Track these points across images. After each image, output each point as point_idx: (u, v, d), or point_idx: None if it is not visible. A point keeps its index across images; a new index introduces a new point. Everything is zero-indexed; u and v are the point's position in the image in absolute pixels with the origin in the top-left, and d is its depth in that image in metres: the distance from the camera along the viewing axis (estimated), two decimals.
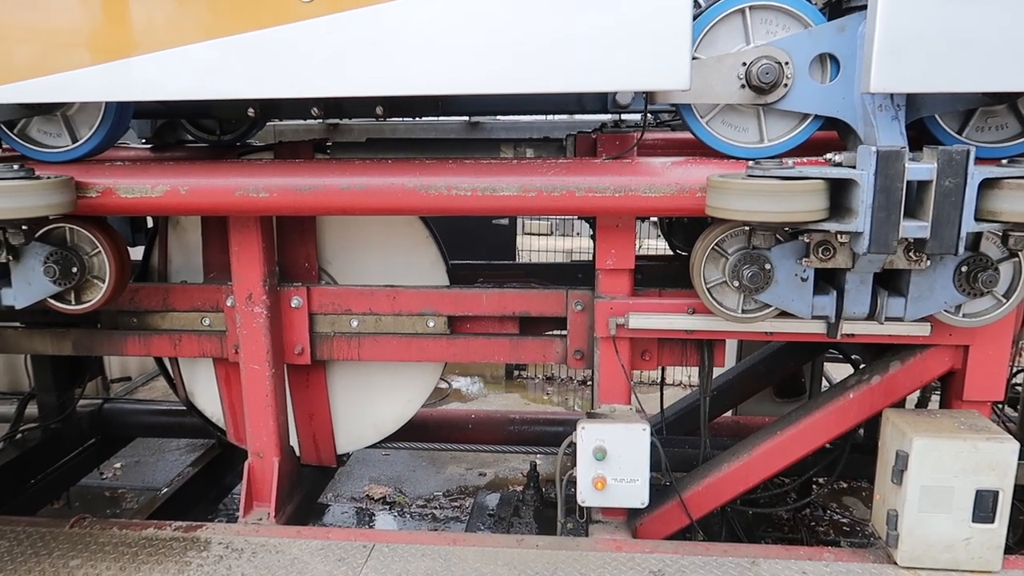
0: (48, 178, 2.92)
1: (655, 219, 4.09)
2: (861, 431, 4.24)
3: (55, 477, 4.81)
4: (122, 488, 6.06)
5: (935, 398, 3.69)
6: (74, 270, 3.17)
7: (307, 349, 3.68)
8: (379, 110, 3.36)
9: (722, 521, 3.92)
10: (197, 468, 4.89)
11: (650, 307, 3.24)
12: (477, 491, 5.97)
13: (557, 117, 5.29)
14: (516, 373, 8.73)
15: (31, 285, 3.17)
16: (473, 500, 5.69)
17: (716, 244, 2.91)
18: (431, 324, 3.61)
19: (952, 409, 3.22)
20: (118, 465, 6.30)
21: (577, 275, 4.30)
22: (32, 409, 4.81)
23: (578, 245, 8.97)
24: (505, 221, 7.56)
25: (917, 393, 3.64)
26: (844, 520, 5.40)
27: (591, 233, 3.53)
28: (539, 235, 10.19)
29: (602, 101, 3.72)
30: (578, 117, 5.13)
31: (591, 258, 3.45)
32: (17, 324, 3.95)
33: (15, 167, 2.90)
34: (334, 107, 3.54)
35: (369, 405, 4.07)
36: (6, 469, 4.39)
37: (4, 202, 2.80)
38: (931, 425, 2.95)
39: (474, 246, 5.96)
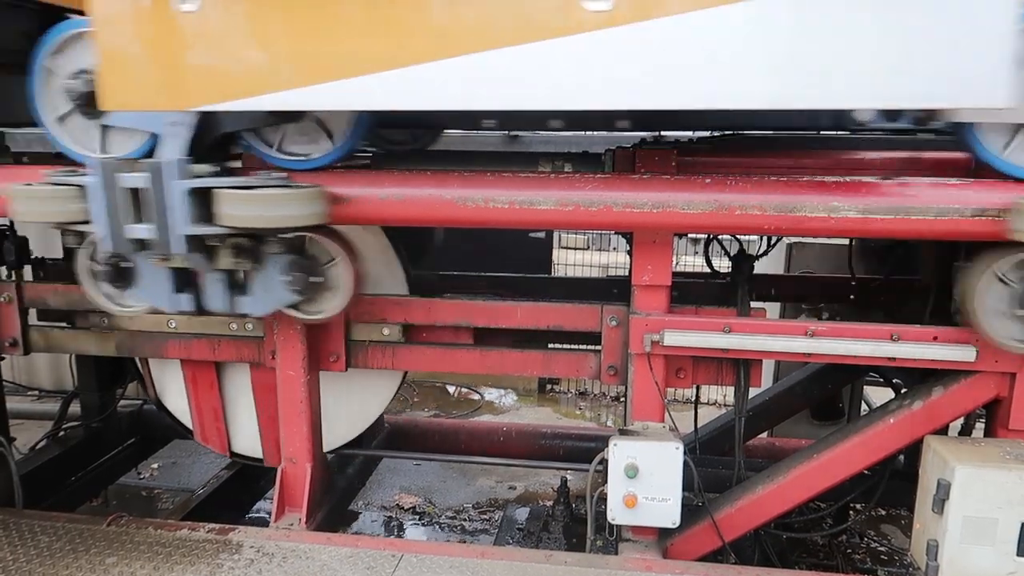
0: (308, 187, 2.87)
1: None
2: (901, 457, 4.14)
3: (95, 475, 4.92)
4: (158, 488, 6.18)
5: (979, 426, 3.59)
6: (312, 280, 3.15)
7: (342, 357, 3.71)
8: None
9: (755, 544, 3.86)
10: (231, 471, 4.96)
11: (686, 324, 3.20)
12: (507, 504, 5.96)
13: (597, 132, 5.25)
14: (549, 387, 8.70)
15: (270, 294, 3.13)
16: (502, 513, 5.67)
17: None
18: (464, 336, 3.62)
19: (997, 438, 3.13)
20: (155, 465, 6.42)
21: (613, 290, 4.29)
22: (75, 408, 4.92)
23: (614, 260, 8.92)
24: (542, 235, 7.55)
25: (961, 421, 3.54)
26: (882, 548, 5.26)
27: (628, 248, 3.51)
28: (575, 249, 10.16)
29: (838, 118, 3.56)
30: (617, 132, 5.09)
31: (627, 274, 3.43)
32: (64, 324, 4.05)
33: (272, 175, 2.86)
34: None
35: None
36: (48, 465, 4.51)
37: (270, 211, 2.73)
38: (975, 454, 2.88)
39: (510, 259, 5.96)
